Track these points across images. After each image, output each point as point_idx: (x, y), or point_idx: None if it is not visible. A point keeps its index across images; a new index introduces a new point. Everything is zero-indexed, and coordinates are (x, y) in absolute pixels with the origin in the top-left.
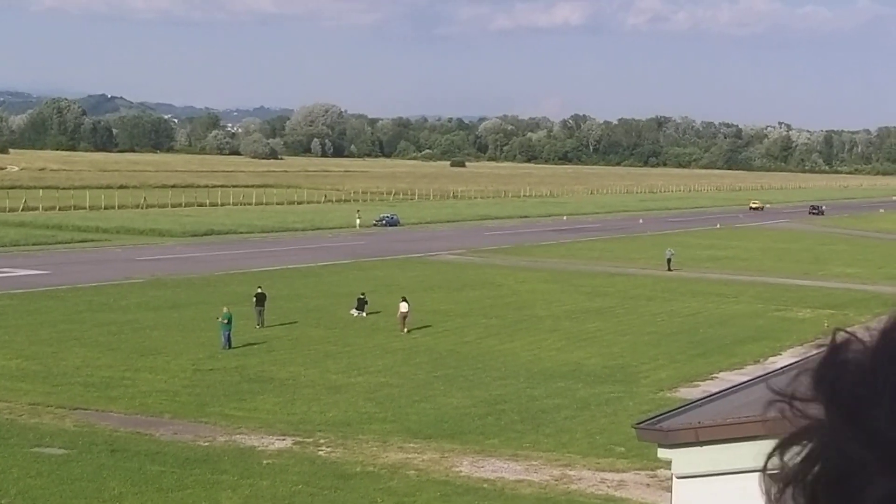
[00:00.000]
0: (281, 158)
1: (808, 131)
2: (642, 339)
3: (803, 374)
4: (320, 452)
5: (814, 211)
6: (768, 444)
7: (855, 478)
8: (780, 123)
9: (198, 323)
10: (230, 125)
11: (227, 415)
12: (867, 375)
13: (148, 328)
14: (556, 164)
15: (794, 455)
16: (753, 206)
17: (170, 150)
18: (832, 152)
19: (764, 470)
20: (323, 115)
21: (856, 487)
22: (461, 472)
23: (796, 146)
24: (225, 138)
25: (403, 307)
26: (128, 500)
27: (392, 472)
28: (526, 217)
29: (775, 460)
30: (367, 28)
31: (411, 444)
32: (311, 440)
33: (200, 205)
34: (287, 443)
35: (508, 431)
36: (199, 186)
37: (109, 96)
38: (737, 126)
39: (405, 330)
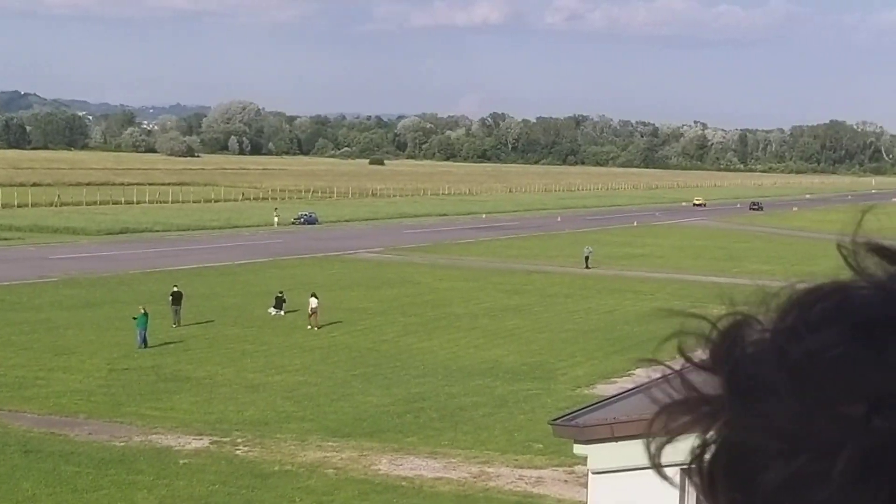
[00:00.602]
0: (198, 156)
1: (723, 130)
2: (560, 336)
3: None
4: (238, 452)
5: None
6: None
7: (751, 462)
8: (695, 122)
9: (113, 322)
10: (146, 122)
11: (143, 414)
12: (767, 357)
13: (62, 327)
14: (474, 162)
15: (693, 438)
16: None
17: (84, 147)
18: (747, 151)
19: (654, 456)
20: (240, 113)
21: (752, 472)
22: (380, 470)
23: (712, 145)
24: (141, 136)
25: (313, 303)
26: (42, 501)
27: (310, 470)
28: (445, 215)
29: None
30: (284, 25)
31: (329, 443)
32: (228, 439)
33: (116, 203)
34: (204, 442)
35: (427, 429)
36: (114, 184)
37: (22, 93)
38: (653, 125)
39: (316, 327)
